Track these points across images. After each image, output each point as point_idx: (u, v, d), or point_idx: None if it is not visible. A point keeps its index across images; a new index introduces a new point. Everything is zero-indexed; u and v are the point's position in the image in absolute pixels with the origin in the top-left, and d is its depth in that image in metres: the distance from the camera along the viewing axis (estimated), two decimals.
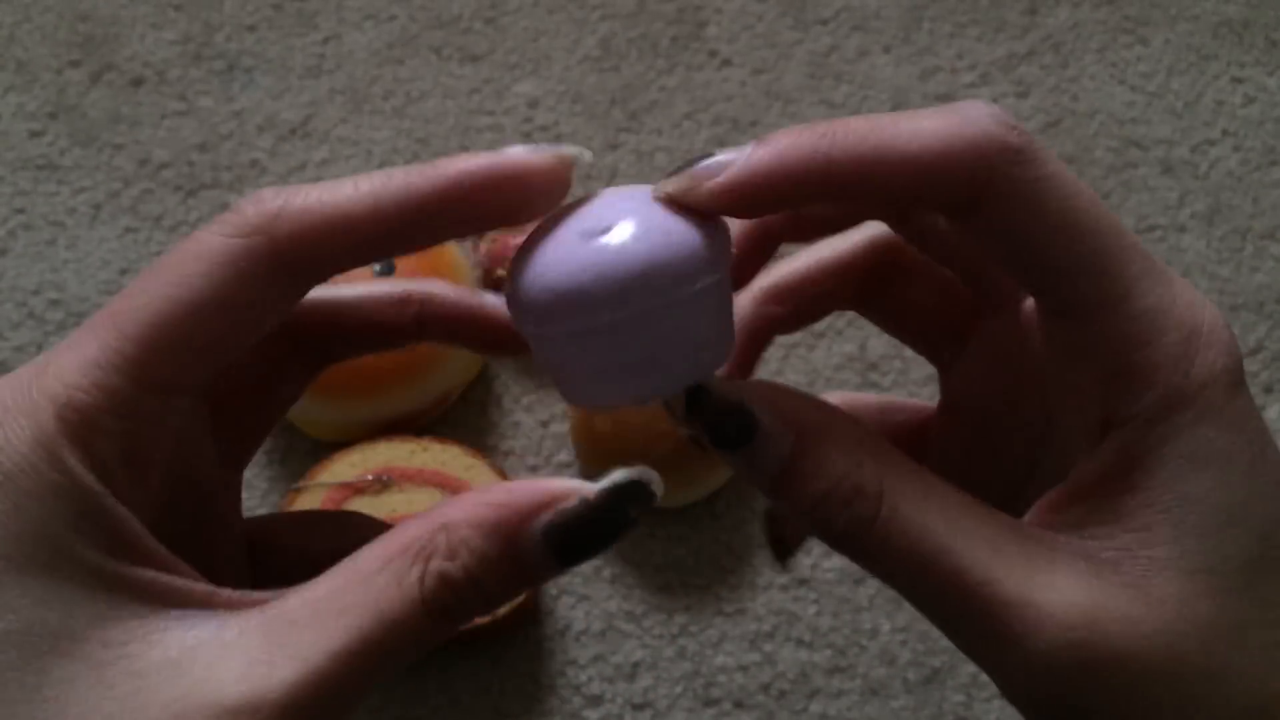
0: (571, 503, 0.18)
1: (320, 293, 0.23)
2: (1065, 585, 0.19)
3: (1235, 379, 0.20)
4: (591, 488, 0.19)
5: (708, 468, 0.47)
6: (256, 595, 0.19)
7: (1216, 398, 0.20)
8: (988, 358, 0.26)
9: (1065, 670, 0.18)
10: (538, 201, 0.20)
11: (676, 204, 0.20)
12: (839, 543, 0.19)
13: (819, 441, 0.19)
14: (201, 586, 0.19)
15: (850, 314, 0.34)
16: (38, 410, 0.18)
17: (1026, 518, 0.21)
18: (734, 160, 0.19)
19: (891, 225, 0.25)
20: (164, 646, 0.18)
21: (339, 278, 0.20)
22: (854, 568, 0.48)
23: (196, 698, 0.17)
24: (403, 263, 0.47)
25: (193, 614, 0.18)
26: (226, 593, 0.19)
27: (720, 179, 0.19)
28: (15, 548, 0.17)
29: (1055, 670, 0.18)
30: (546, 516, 0.18)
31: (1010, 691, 0.20)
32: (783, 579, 0.48)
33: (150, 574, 0.18)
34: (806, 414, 0.20)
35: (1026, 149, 0.19)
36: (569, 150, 0.20)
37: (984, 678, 0.46)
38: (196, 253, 0.19)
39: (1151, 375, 0.19)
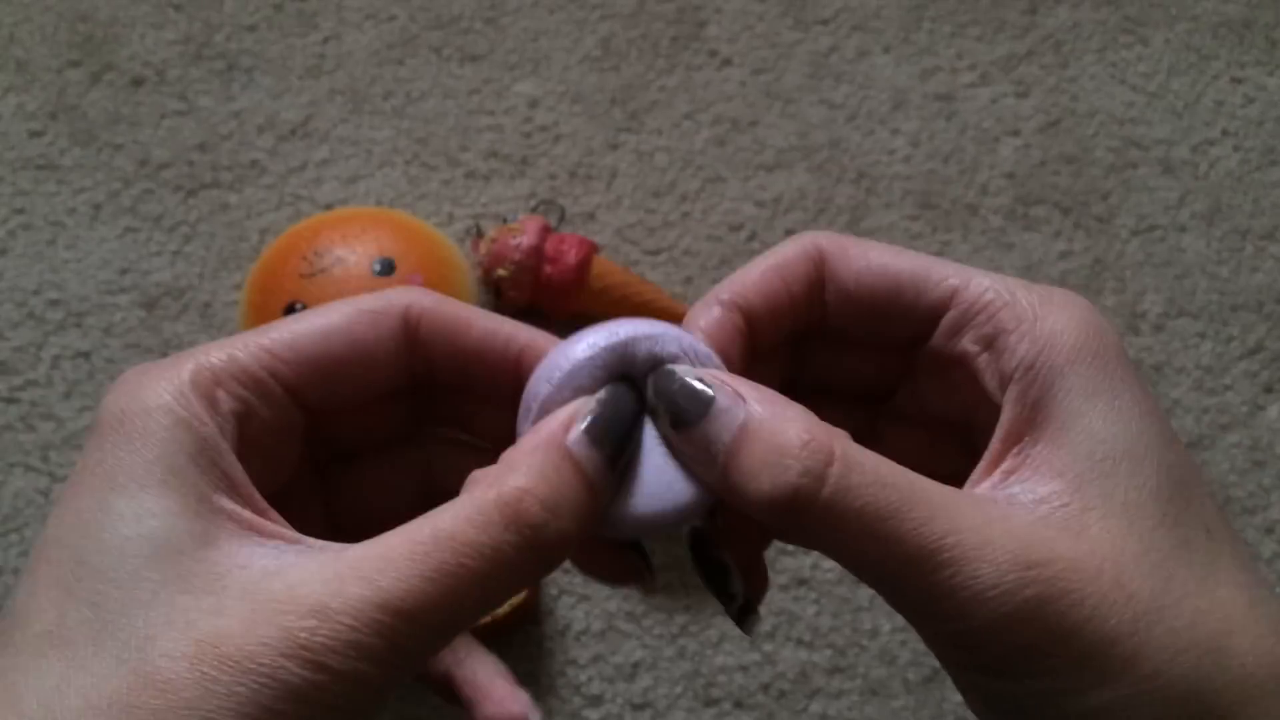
0: (591, 405, 0.22)
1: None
2: (1017, 532, 0.20)
3: (1101, 332, 0.22)
4: (596, 395, 0.22)
5: None
6: (341, 544, 0.20)
7: (1090, 343, 0.21)
8: (907, 418, 0.27)
9: (1027, 612, 0.19)
10: None
11: None
12: (794, 507, 0.20)
13: (770, 409, 0.21)
14: (292, 532, 0.21)
15: None
16: (180, 368, 0.21)
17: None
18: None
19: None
20: (250, 569, 0.20)
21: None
22: None
23: (266, 601, 0.19)
24: (402, 262, 0.47)
25: (282, 547, 0.20)
26: (314, 540, 0.21)
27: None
28: (140, 467, 0.20)
29: (1019, 614, 0.19)
30: (581, 422, 0.21)
31: (968, 646, 0.20)
32: (782, 579, 0.48)
33: (248, 513, 0.21)
34: (756, 389, 0.21)
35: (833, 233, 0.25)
36: None
37: None
38: (346, 301, 0.23)
39: (1018, 325, 0.22)
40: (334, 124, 0.56)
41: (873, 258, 0.24)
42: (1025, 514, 0.20)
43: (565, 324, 0.52)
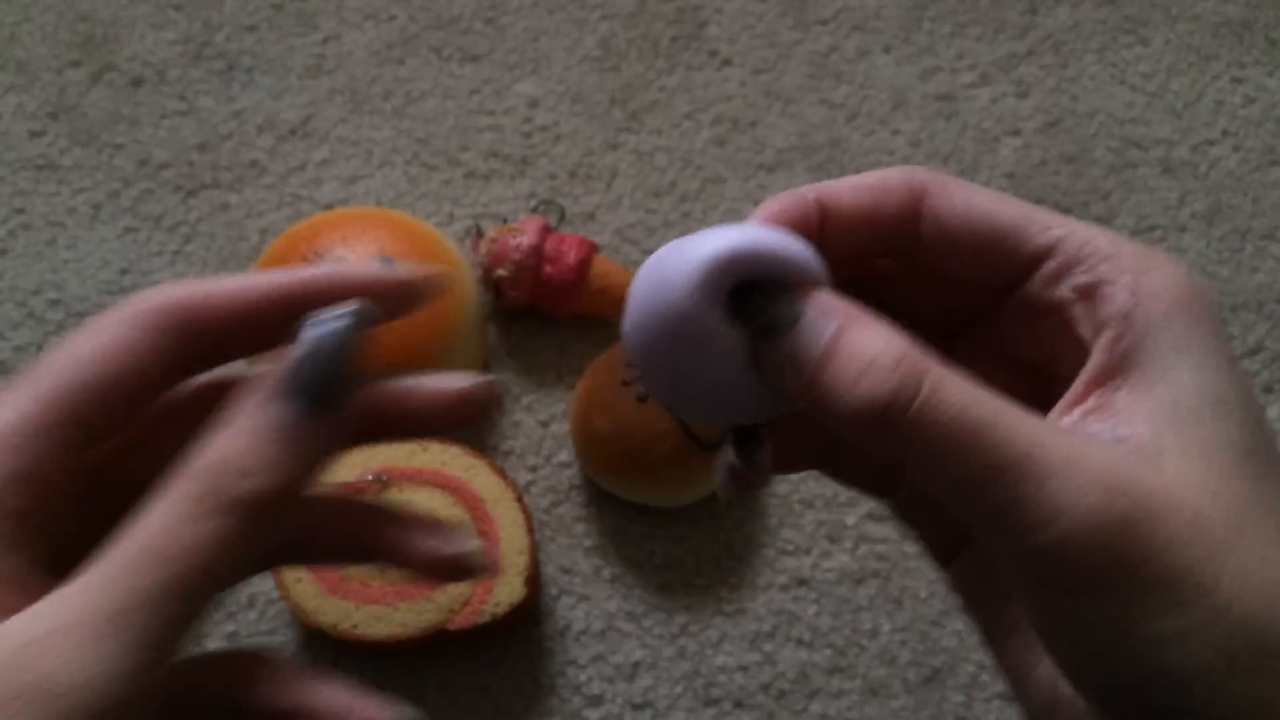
0: (291, 352, 0.21)
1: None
2: (1101, 457, 0.20)
3: (1198, 293, 0.22)
4: (298, 340, 0.22)
5: (707, 468, 0.47)
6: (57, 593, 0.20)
7: (1186, 298, 0.22)
8: (984, 358, 0.26)
9: (1108, 531, 0.19)
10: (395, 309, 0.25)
11: None
12: (886, 418, 0.20)
13: (861, 322, 0.21)
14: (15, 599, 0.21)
15: None
16: None
17: None
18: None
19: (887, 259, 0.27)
20: None
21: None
22: (854, 568, 0.48)
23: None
24: (402, 262, 0.47)
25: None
26: (41, 600, 0.20)
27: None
28: None
29: (1100, 533, 0.19)
30: (274, 380, 0.21)
31: (1043, 561, 0.20)
32: (782, 579, 0.48)
33: None
34: (847, 303, 0.21)
35: (940, 171, 0.24)
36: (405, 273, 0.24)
37: (984, 677, 0.46)
38: (98, 324, 0.23)
39: (1119, 278, 0.22)
40: (334, 124, 0.56)
41: (976, 200, 0.24)
42: (1106, 446, 0.21)
43: (565, 324, 0.52)
